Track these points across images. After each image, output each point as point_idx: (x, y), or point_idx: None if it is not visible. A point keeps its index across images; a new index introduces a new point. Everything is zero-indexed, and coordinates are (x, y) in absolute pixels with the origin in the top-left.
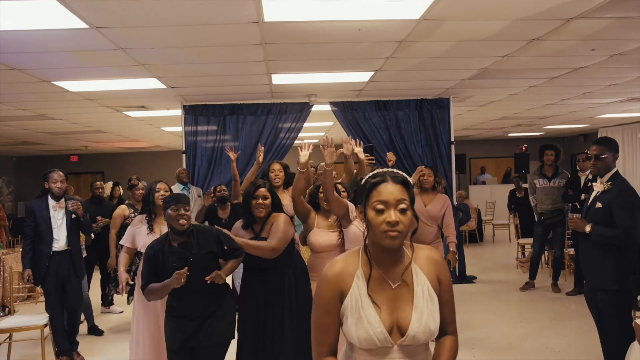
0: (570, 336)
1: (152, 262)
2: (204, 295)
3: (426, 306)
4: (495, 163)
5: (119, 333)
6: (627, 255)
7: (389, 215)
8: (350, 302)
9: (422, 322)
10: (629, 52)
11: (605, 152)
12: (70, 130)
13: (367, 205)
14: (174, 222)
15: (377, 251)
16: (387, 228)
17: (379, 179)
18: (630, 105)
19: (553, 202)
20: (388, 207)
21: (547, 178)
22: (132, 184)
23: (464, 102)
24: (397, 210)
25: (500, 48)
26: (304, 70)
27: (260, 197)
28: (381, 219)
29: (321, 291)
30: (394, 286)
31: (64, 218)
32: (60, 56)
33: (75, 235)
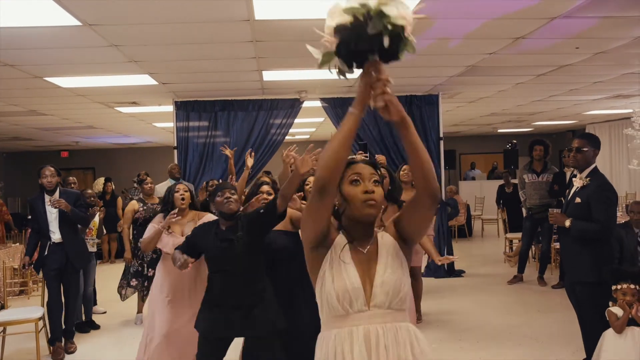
0: (554, 327)
1: (196, 237)
2: (244, 280)
3: (389, 259)
4: (485, 159)
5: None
6: (604, 249)
7: (365, 186)
8: (332, 255)
9: (385, 276)
10: (612, 51)
11: (586, 146)
12: (61, 126)
13: (341, 182)
14: (223, 207)
15: (351, 226)
16: (365, 197)
17: (351, 161)
18: (615, 102)
19: (541, 197)
20: (362, 179)
21: (536, 173)
22: (140, 178)
23: (453, 99)
24: (371, 182)
25: (486, 46)
26: (294, 67)
27: (265, 193)
28: (359, 189)
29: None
30: (364, 251)
31: (57, 212)
32: (53, 53)
33: (68, 228)
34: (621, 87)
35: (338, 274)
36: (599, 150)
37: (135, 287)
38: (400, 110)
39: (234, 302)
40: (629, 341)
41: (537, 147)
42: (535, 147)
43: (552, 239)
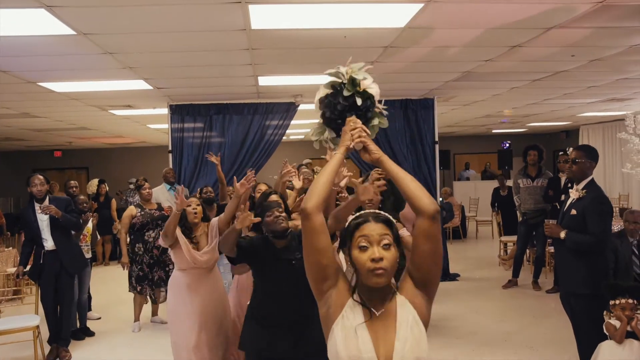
0: (548, 334)
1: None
2: (299, 300)
3: (411, 333)
4: (479, 159)
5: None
6: (599, 261)
7: (372, 252)
8: (342, 320)
9: (405, 351)
10: (607, 58)
11: (582, 158)
12: (55, 128)
13: (351, 245)
14: (275, 226)
15: (364, 290)
16: (371, 265)
17: (361, 219)
18: (610, 105)
19: (536, 202)
20: (371, 243)
21: (530, 178)
22: (139, 184)
23: (448, 102)
24: (380, 246)
25: (483, 54)
26: (290, 73)
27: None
28: (365, 257)
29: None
30: (377, 314)
31: (48, 219)
32: (47, 60)
33: (61, 234)
34: (615, 91)
35: (350, 339)
36: (596, 163)
37: (142, 292)
38: (376, 152)
39: (289, 322)
40: (627, 352)
41: (531, 152)
42: (530, 152)
43: (546, 243)
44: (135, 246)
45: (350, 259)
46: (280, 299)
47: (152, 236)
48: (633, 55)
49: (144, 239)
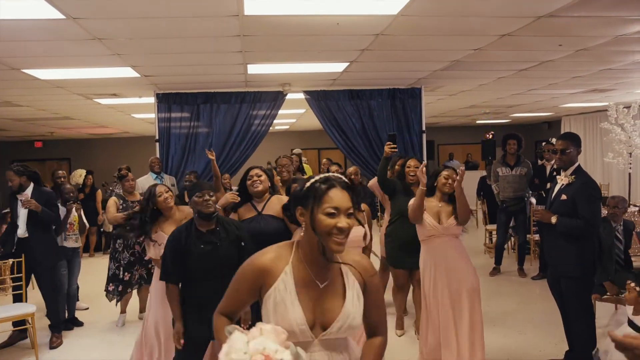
0: (536, 319)
1: (177, 248)
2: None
3: (353, 305)
4: (463, 149)
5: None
6: (588, 245)
7: (340, 220)
8: (274, 295)
9: (348, 319)
10: (593, 48)
11: (570, 147)
12: (37, 117)
13: (316, 209)
14: (202, 207)
15: (311, 251)
16: (337, 233)
17: (329, 183)
18: (592, 96)
19: (515, 190)
20: (339, 213)
21: (509, 167)
22: (121, 174)
23: (435, 92)
24: (346, 215)
25: (472, 42)
26: (280, 60)
27: (255, 175)
28: (332, 223)
29: (245, 272)
30: (321, 285)
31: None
32: (34, 45)
33: (34, 225)
34: (598, 82)
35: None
36: (580, 148)
37: (112, 292)
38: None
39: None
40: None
41: (510, 142)
42: (509, 142)
43: (527, 231)
44: (116, 242)
45: (311, 221)
46: (206, 281)
47: None
48: (618, 45)
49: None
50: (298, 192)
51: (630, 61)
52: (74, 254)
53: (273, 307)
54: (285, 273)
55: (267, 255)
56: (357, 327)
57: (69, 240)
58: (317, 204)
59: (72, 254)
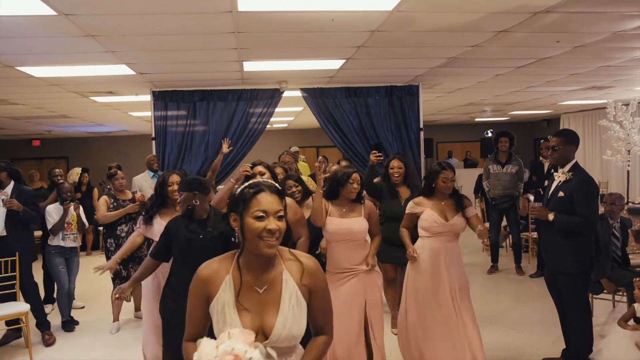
0: (534, 317)
1: (169, 232)
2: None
3: (291, 312)
4: (462, 147)
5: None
6: (585, 242)
7: (269, 223)
8: (216, 306)
9: (285, 327)
10: (591, 44)
11: (560, 144)
12: (34, 115)
13: (245, 213)
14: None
15: (250, 257)
16: (267, 235)
17: (257, 188)
18: (590, 93)
19: (504, 188)
20: (268, 215)
21: (500, 164)
22: (111, 173)
23: (432, 89)
24: (276, 218)
25: (469, 39)
26: (276, 57)
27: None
28: (262, 226)
29: (193, 287)
30: (260, 291)
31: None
32: (26, 42)
33: (14, 223)
34: (596, 79)
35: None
36: (576, 145)
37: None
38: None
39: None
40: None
41: (502, 139)
42: (501, 139)
43: (519, 228)
44: (107, 241)
45: (241, 226)
46: (185, 268)
47: (125, 230)
48: (616, 41)
49: (116, 234)
50: (230, 199)
51: (628, 58)
52: (72, 253)
53: (216, 318)
54: (225, 283)
55: (210, 266)
56: (298, 335)
57: (66, 239)
58: (246, 208)
59: (71, 253)
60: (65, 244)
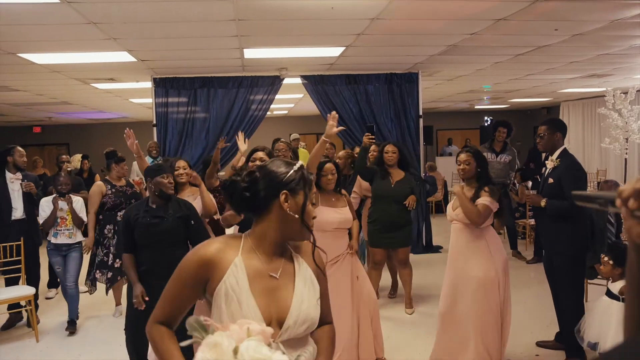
0: (528, 301)
1: (128, 222)
2: (167, 254)
3: (307, 293)
4: (462, 135)
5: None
6: (579, 225)
7: (314, 210)
8: (225, 289)
9: (301, 310)
10: (589, 33)
11: (545, 132)
12: (35, 102)
13: (305, 196)
14: (166, 187)
15: (266, 241)
16: (312, 223)
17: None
18: (590, 81)
19: (496, 177)
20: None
21: (495, 153)
22: (120, 157)
23: (432, 77)
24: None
25: (468, 27)
26: (276, 45)
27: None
28: (313, 213)
29: (188, 264)
30: (277, 276)
31: (20, 190)
32: (29, 29)
33: (29, 206)
34: (596, 67)
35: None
36: (562, 133)
37: (98, 280)
38: None
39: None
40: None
41: (500, 129)
42: (499, 129)
43: (513, 214)
44: (105, 228)
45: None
46: (154, 252)
47: None
48: (614, 30)
49: (116, 220)
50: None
51: (627, 46)
52: (70, 249)
53: (225, 302)
54: (235, 265)
55: (213, 246)
56: (314, 319)
57: (60, 235)
58: (309, 191)
59: (68, 250)
60: (58, 240)
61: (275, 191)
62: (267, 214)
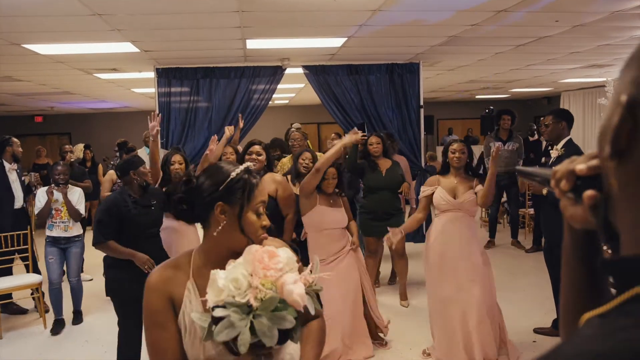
0: (527, 290)
1: (112, 212)
2: (156, 242)
3: None
4: (462, 124)
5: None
6: None
7: (264, 218)
8: (184, 319)
9: None
10: (589, 24)
11: (551, 121)
12: (37, 92)
13: (246, 206)
14: (147, 177)
15: (213, 256)
16: (262, 233)
17: (258, 177)
18: (590, 71)
19: (506, 165)
20: (263, 209)
21: (502, 141)
22: (130, 147)
23: (433, 67)
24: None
25: (469, 18)
26: (278, 36)
27: (255, 153)
28: (259, 223)
29: (150, 303)
30: None
31: (18, 180)
32: (33, 20)
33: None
34: (597, 57)
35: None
36: (568, 123)
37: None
38: None
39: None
40: None
41: (505, 117)
42: (504, 117)
43: (519, 204)
44: None
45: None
46: (147, 240)
47: None
48: (615, 21)
49: None
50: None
51: (627, 37)
52: (70, 243)
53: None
54: (189, 290)
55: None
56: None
57: (55, 228)
58: (249, 200)
59: (68, 243)
60: (53, 233)
61: (210, 203)
62: (209, 227)
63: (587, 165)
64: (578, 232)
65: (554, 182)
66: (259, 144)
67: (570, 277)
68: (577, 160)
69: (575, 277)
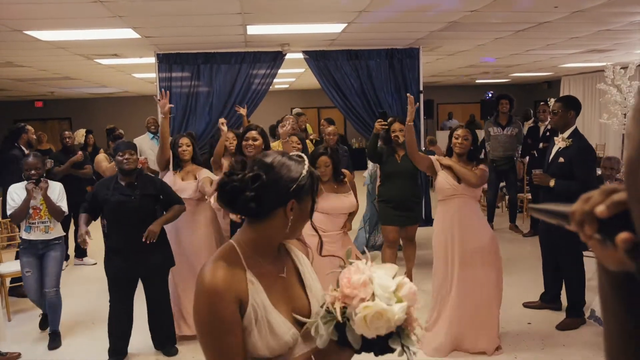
0: (522, 273)
1: (97, 194)
2: (139, 230)
3: (313, 283)
4: (462, 109)
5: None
6: None
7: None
8: (253, 313)
9: (317, 298)
10: (589, 10)
11: (559, 109)
12: (38, 77)
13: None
14: (122, 165)
15: (263, 244)
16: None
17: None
18: (590, 56)
19: (505, 150)
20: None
21: (501, 126)
22: (118, 134)
23: (433, 52)
24: None
25: (469, 3)
26: (279, 22)
27: (251, 139)
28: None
29: (219, 312)
30: (284, 275)
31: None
32: (34, 7)
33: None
34: (596, 42)
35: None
36: (577, 111)
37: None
38: None
39: (132, 247)
40: None
41: (503, 101)
42: (502, 101)
43: (517, 188)
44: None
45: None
46: (123, 228)
47: None
48: (614, 7)
49: None
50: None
51: (627, 22)
52: (48, 247)
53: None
54: (251, 282)
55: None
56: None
57: (33, 230)
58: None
59: (45, 248)
60: (30, 236)
61: (283, 200)
62: (268, 219)
63: (606, 206)
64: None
65: (575, 225)
66: (255, 129)
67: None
68: (593, 200)
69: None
